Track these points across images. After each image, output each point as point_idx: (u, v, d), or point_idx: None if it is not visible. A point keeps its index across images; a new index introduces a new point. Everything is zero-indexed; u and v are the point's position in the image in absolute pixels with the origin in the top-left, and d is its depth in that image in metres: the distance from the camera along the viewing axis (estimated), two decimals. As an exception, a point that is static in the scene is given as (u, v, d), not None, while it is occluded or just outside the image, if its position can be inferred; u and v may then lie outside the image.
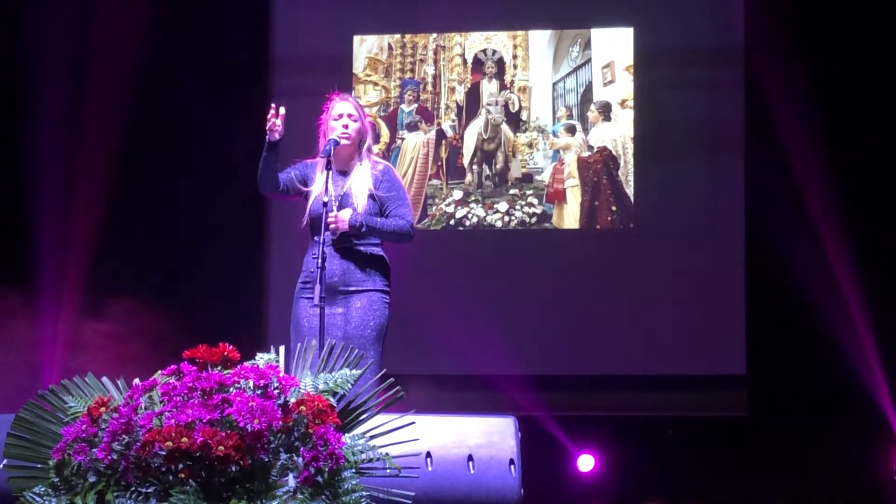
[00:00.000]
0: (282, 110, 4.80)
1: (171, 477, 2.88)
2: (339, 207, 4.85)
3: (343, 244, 4.86)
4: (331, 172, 4.82)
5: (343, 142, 4.91)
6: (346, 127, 4.93)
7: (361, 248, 4.91)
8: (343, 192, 4.91)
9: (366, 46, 8.35)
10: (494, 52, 8.27)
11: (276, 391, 3.00)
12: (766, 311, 7.62)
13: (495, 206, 8.13)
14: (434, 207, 8.18)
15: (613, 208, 8.04)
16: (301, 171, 5.04)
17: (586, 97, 8.13)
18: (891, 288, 7.36)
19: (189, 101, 7.74)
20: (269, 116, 4.78)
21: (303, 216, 4.97)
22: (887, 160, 7.52)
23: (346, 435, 3.05)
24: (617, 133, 8.07)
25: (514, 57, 8.24)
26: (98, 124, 7.81)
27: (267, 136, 4.81)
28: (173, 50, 7.91)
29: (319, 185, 4.92)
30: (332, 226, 4.76)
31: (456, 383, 7.65)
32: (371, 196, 4.93)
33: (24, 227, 7.66)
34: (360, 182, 4.94)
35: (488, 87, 8.24)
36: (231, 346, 3.13)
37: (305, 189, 4.97)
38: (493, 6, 8.30)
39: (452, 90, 8.28)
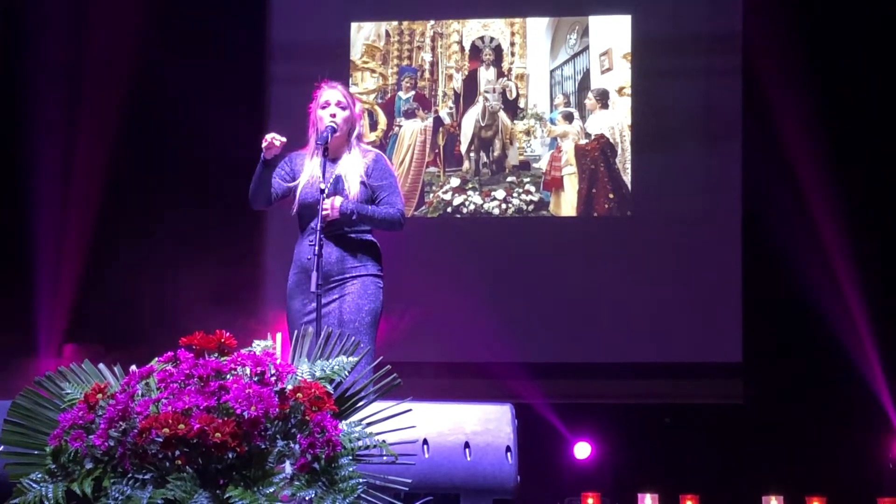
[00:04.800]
0: (282, 139, 4.78)
1: (167, 463, 2.88)
2: (331, 194, 4.84)
3: (335, 231, 4.85)
4: (325, 160, 4.81)
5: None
6: (333, 116, 4.91)
7: (353, 235, 4.91)
8: (334, 179, 4.90)
9: (363, 33, 8.34)
10: (492, 39, 8.26)
11: (272, 378, 3.00)
12: (763, 299, 7.63)
13: (493, 193, 8.13)
14: (431, 195, 8.17)
15: (611, 196, 8.04)
16: (287, 166, 5.02)
17: (584, 85, 8.12)
18: (887, 276, 7.37)
19: (185, 89, 7.73)
20: (267, 137, 4.77)
21: (292, 205, 4.97)
22: (886, 148, 7.52)
23: (343, 422, 3.05)
24: (614, 121, 8.06)
25: (512, 44, 8.23)
26: (94, 112, 7.80)
27: (263, 154, 4.81)
28: (170, 37, 7.90)
29: (308, 173, 4.92)
30: (323, 212, 4.75)
31: (453, 370, 7.66)
32: (363, 183, 4.92)
33: (22, 224, 7.66)
34: (352, 169, 4.94)
35: (486, 75, 8.23)
36: (228, 334, 3.13)
37: (294, 183, 4.96)
38: (491, -7, 8.30)
39: (450, 77, 8.27)
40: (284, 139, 4.79)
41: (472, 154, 8.19)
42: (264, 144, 4.77)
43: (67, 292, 7.70)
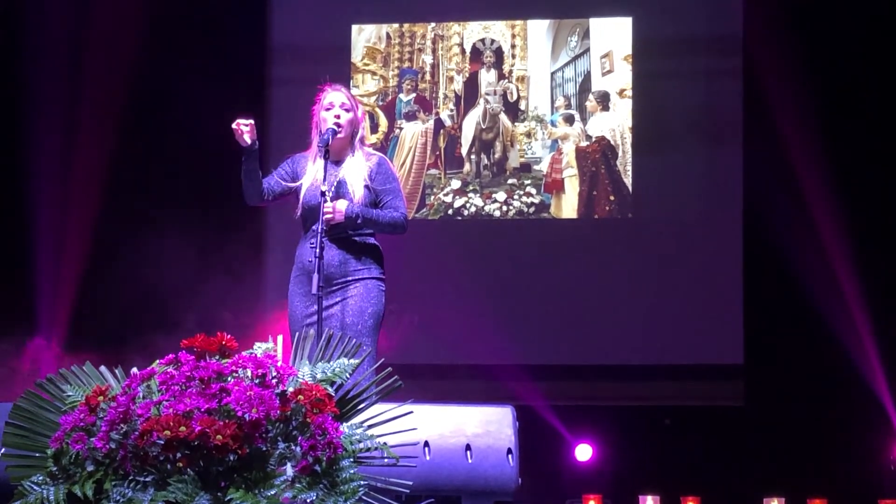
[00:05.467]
0: (249, 121, 4.77)
1: (168, 466, 2.88)
2: (334, 198, 4.84)
3: (338, 234, 4.85)
4: (327, 162, 4.80)
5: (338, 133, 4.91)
6: (337, 117, 4.91)
7: (356, 238, 4.91)
8: (337, 182, 4.90)
9: (364, 36, 8.34)
10: (493, 41, 8.26)
11: (274, 380, 3.00)
12: (764, 301, 7.63)
13: (493, 195, 8.13)
14: (432, 197, 8.17)
15: (611, 198, 8.04)
16: (289, 166, 5.03)
17: (585, 87, 8.13)
18: (888, 277, 7.37)
19: (186, 90, 7.73)
20: (233, 125, 4.76)
21: (296, 207, 4.97)
22: (886, 148, 7.52)
23: (344, 424, 3.05)
24: (615, 122, 8.06)
25: (513, 46, 8.23)
26: (95, 114, 7.80)
27: (240, 144, 4.80)
28: (171, 39, 7.90)
29: (311, 176, 4.91)
30: (327, 216, 4.75)
31: (454, 373, 7.66)
32: (366, 187, 4.92)
33: (22, 224, 7.66)
34: (355, 172, 4.93)
35: (487, 77, 8.23)
36: (229, 336, 3.13)
37: (295, 184, 4.97)
38: (492, -5, 8.31)
39: (451, 80, 8.27)
40: (251, 121, 4.78)
41: (472, 156, 8.19)
42: (236, 135, 4.77)
43: (67, 293, 7.70)
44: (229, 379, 2.99)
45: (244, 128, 4.75)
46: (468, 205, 8.15)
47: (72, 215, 7.79)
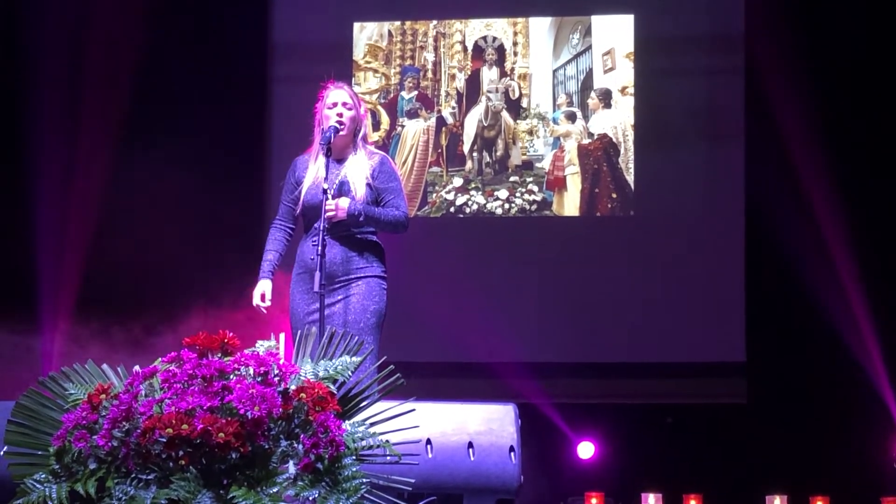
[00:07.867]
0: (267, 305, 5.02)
1: (171, 464, 2.88)
2: (336, 196, 4.85)
3: (340, 232, 4.86)
4: (329, 160, 4.81)
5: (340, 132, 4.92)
6: (340, 115, 4.92)
7: (358, 236, 4.92)
8: (339, 181, 4.91)
9: (366, 33, 8.34)
10: (495, 38, 8.26)
11: (276, 378, 3.00)
12: (766, 299, 7.63)
13: (495, 193, 8.13)
14: (434, 195, 8.17)
15: (614, 196, 8.03)
16: (292, 178, 5.09)
17: (587, 84, 8.12)
18: (890, 275, 7.37)
19: (188, 88, 7.73)
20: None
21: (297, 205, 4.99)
22: (887, 147, 7.52)
23: (347, 422, 3.05)
24: (617, 120, 8.06)
25: (515, 44, 8.23)
26: (96, 110, 7.80)
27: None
28: (173, 36, 7.90)
29: (312, 174, 4.92)
30: (329, 213, 4.76)
31: (456, 370, 7.66)
32: (368, 185, 4.93)
33: (21, 216, 7.66)
34: (357, 171, 4.94)
35: (488, 74, 8.23)
36: (231, 334, 3.13)
37: (300, 188, 5.00)
38: (494, -7, 8.30)
39: (453, 77, 8.27)
40: (268, 303, 5.04)
41: (474, 154, 8.19)
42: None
43: (68, 293, 7.70)
44: (231, 377, 2.99)
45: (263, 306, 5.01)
46: (470, 202, 8.14)
47: (73, 214, 7.79)
